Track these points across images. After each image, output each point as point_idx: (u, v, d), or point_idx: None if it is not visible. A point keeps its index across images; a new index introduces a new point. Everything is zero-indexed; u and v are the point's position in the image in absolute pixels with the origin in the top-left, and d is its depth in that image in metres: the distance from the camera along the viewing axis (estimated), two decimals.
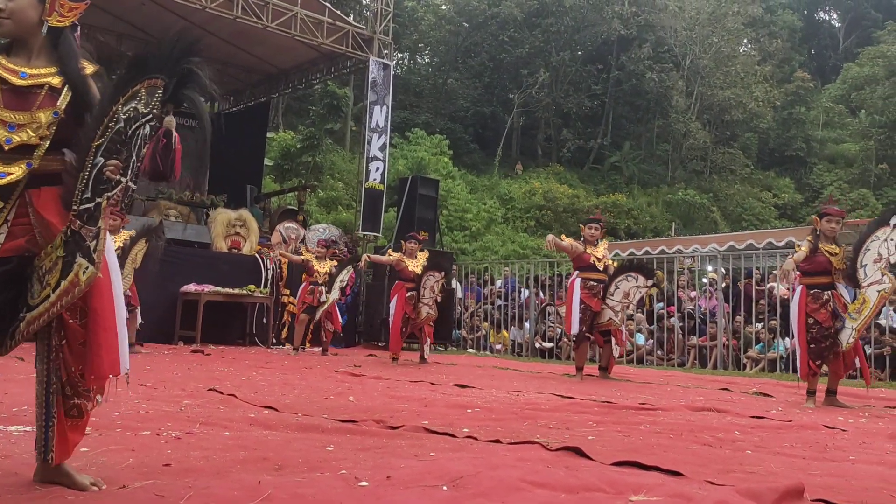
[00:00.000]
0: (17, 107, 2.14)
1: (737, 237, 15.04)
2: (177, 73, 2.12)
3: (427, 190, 13.13)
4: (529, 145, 34.63)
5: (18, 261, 2.13)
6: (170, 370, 6.11)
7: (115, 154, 2.07)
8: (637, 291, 7.21)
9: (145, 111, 2.08)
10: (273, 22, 11.89)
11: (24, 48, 2.22)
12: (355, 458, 2.75)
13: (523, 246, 23.92)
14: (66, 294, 2.06)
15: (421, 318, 8.55)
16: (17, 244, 2.12)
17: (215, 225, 11.19)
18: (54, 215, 2.13)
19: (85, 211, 2.07)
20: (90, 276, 2.07)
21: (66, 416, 2.18)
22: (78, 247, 2.07)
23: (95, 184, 2.06)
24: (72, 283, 2.06)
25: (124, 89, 2.07)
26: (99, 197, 2.08)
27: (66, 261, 2.07)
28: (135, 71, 2.09)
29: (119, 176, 2.08)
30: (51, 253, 2.09)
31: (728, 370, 9.32)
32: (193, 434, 3.14)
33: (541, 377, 7.48)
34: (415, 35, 33.58)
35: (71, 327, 2.14)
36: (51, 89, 2.17)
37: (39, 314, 2.08)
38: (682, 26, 32.79)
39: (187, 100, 2.18)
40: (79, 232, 2.07)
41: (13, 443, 2.79)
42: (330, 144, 24.12)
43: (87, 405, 2.21)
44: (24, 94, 2.15)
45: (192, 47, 2.13)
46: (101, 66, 2.29)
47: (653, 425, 3.94)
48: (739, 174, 32.81)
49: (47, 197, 2.15)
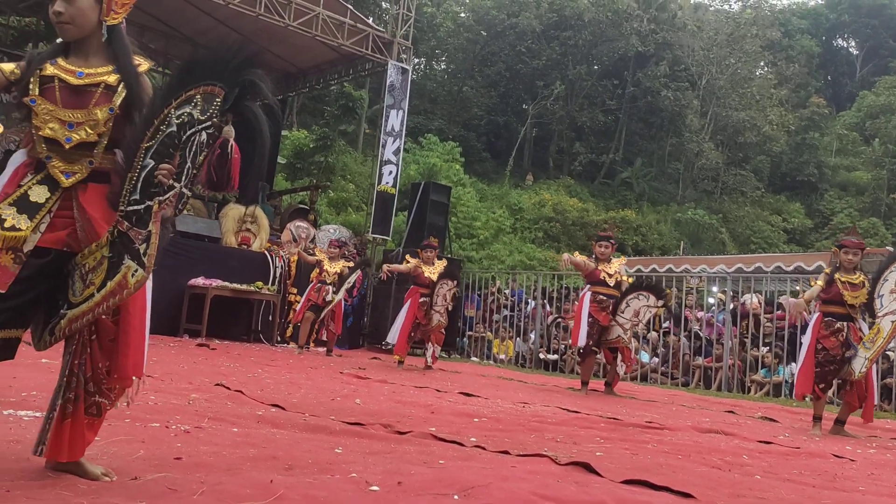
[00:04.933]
0: (75, 105, 2.16)
1: (745, 259, 15.02)
2: (238, 83, 2.11)
3: (439, 196, 13.13)
4: (541, 157, 34.64)
5: (56, 255, 2.12)
6: (176, 363, 6.12)
7: (167, 158, 2.06)
8: (647, 311, 7.20)
9: (202, 118, 2.08)
10: (295, 21, 11.93)
11: (81, 49, 2.24)
12: (365, 462, 2.75)
13: (530, 257, 23.89)
14: (113, 295, 2.06)
15: (432, 324, 8.56)
16: (58, 237, 2.12)
17: (226, 220, 11.20)
18: (99, 212, 2.13)
19: (133, 213, 2.06)
20: (140, 279, 2.07)
21: (85, 413, 2.17)
22: (126, 248, 2.06)
23: (145, 186, 2.05)
24: (119, 284, 2.05)
25: (177, 93, 2.07)
26: (149, 200, 2.07)
27: (112, 261, 2.06)
28: (189, 76, 2.09)
29: (172, 181, 2.08)
30: (94, 251, 2.08)
31: (732, 392, 9.28)
32: (202, 429, 3.14)
33: (545, 390, 7.46)
34: (432, 41, 33.65)
35: (103, 323, 2.14)
36: (106, 87, 2.19)
37: (82, 312, 2.07)
38: (699, 46, 32.79)
39: (247, 111, 2.16)
40: (126, 233, 2.06)
41: (24, 428, 2.78)
42: (343, 146, 24.15)
43: (106, 405, 2.20)
44: (81, 92, 2.18)
45: (254, 58, 2.13)
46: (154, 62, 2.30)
47: (660, 444, 3.92)
48: (750, 196, 32.75)
49: (94, 194, 2.16)
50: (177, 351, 7.50)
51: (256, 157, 11.22)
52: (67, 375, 2.17)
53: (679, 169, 33.52)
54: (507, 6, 32.90)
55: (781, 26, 37.63)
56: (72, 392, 2.16)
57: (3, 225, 2.06)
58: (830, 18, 44.14)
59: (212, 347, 8.47)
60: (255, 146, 2.37)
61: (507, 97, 34.26)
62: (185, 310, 9.72)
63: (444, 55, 36.45)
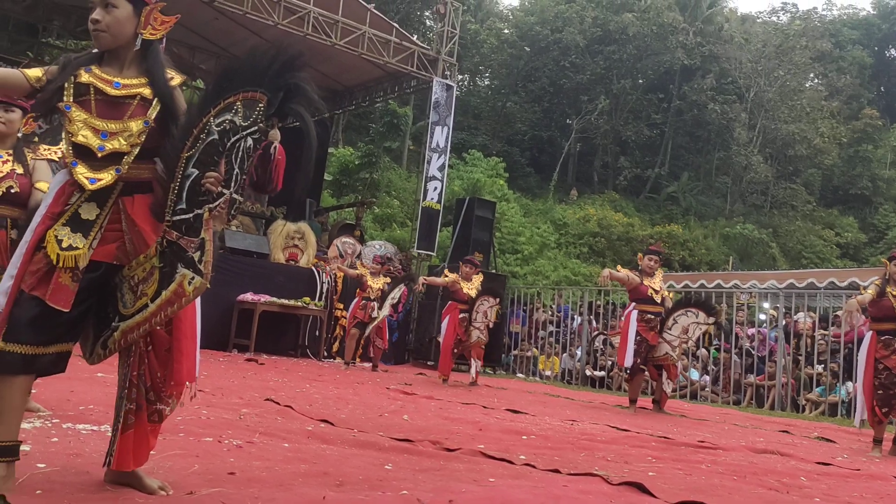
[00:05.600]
0: (110, 116, 2.20)
1: (797, 275, 14.67)
2: (281, 87, 2.11)
3: (484, 212, 13.13)
4: (585, 171, 34.43)
5: (106, 268, 2.16)
6: (226, 377, 6.20)
7: (212, 166, 2.08)
8: (697, 328, 7.04)
9: (244, 124, 2.09)
10: (342, 40, 12.10)
11: (115, 59, 2.28)
12: (415, 479, 2.74)
13: (575, 272, 23.70)
14: (170, 304, 2.09)
15: (471, 341, 8.52)
16: (108, 250, 2.16)
17: (274, 236, 11.35)
18: (147, 223, 2.16)
19: (182, 222, 2.09)
20: (198, 286, 2.10)
21: (148, 420, 2.22)
22: (178, 257, 2.09)
23: (192, 195, 2.08)
24: (176, 293, 2.08)
25: (215, 102, 2.09)
26: (199, 208, 2.09)
27: (163, 271, 2.09)
28: (226, 83, 2.11)
29: (221, 187, 2.10)
30: (143, 262, 2.11)
31: (786, 411, 9.05)
32: (254, 444, 3.17)
33: (593, 407, 7.37)
34: (476, 57, 33.78)
35: (157, 334, 2.17)
36: (142, 99, 2.22)
37: (137, 323, 2.11)
38: (747, 58, 32.30)
39: (294, 114, 2.17)
40: (177, 242, 2.09)
41: (82, 441, 2.84)
42: (387, 162, 24.33)
43: (165, 411, 2.24)
44: (117, 103, 2.21)
45: (296, 61, 2.13)
46: (188, 77, 2.34)
47: (714, 465, 3.83)
48: (801, 210, 32.03)
49: (141, 205, 2.19)
50: (226, 365, 7.60)
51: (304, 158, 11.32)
52: (127, 387, 2.21)
53: (727, 183, 32.97)
54: (550, 21, 32.89)
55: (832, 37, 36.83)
56: (133, 402, 2.20)
57: (61, 245, 2.10)
58: (883, 29, 43.06)
59: (260, 362, 8.56)
60: (303, 147, 2.37)
61: (550, 112, 34.18)
62: (233, 325, 9.86)
63: (487, 71, 36.56)
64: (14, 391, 2.06)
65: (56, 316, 2.06)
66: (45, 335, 2.06)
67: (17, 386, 2.07)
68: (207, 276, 2.10)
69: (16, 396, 2.07)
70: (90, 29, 2.23)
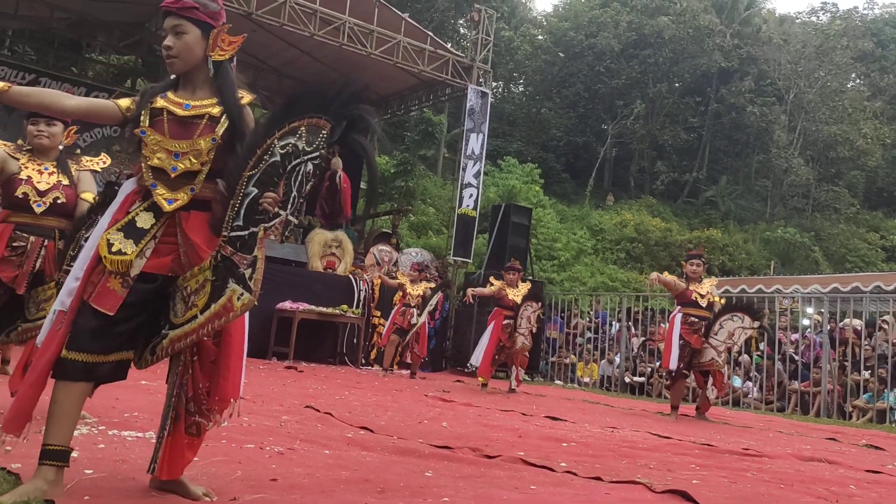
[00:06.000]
0: (181, 136, 2.27)
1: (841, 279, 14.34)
2: (346, 116, 2.16)
3: (520, 218, 13.09)
4: (622, 176, 34.15)
5: (162, 280, 2.21)
6: (266, 385, 6.26)
7: (271, 186, 2.12)
8: (742, 332, 6.90)
9: (307, 149, 2.13)
10: (377, 49, 12.18)
11: (189, 82, 2.35)
12: (455, 486, 2.73)
13: (613, 278, 23.50)
14: (218, 317, 2.12)
15: (516, 347, 8.49)
16: (163, 262, 2.22)
17: (312, 245, 11.45)
18: (201, 238, 2.21)
19: (237, 238, 2.13)
20: (246, 302, 2.13)
21: (186, 432, 2.24)
22: (230, 272, 2.13)
23: (249, 213, 2.12)
24: (224, 307, 2.12)
25: (280, 124, 2.13)
26: (254, 226, 2.13)
27: (215, 284, 2.13)
28: (293, 108, 2.16)
29: (277, 208, 2.14)
30: (197, 275, 2.15)
31: (832, 418, 8.84)
32: (295, 450, 3.19)
33: (633, 414, 7.28)
34: (510, 64, 33.73)
35: (205, 345, 2.21)
36: (210, 118, 2.28)
37: (185, 333, 2.14)
38: (786, 59, 31.78)
39: (356, 144, 2.22)
40: (230, 258, 2.13)
41: (128, 448, 2.88)
42: (423, 170, 24.39)
43: (206, 425, 2.26)
44: (186, 124, 2.28)
45: (361, 93, 2.19)
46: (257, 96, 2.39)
47: (760, 473, 3.75)
48: (844, 213, 31.35)
49: (196, 220, 2.24)
50: (266, 373, 7.67)
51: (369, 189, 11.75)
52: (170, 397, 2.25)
53: (767, 186, 32.42)
54: (584, 27, 32.75)
55: (874, 36, 36.04)
56: (173, 411, 2.24)
57: (111, 249, 2.16)
58: None
59: (299, 370, 8.63)
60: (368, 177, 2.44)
61: (585, 117, 33.98)
62: (273, 333, 9.96)
63: (521, 78, 36.48)
64: (72, 397, 2.11)
65: (116, 325, 2.11)
66: (106, 344, 2.11)
67: (76, 392, 2.12)
68: (256, 293, 2.13)
69: (73, 403, 2.12)
70: (164, 55, 2.31)
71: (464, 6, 28.97)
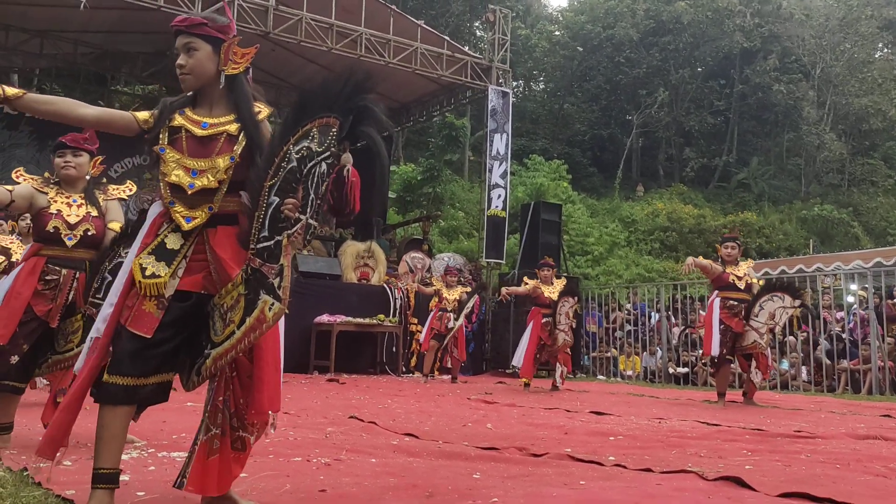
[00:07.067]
0: (199, 154, 2.28)
1: (884, 253, 14.01)
2: (351, 110, 2.16)
3: (549, 215, 13.04)
4: (650, 166, 33.80)
5: (197, 298, 2.23)
6: (309, 398, 6.30)
7: (291, 193, 2.13)
8: (784, 312, 6.78)
9: (320, 149, 2.13)
10: (395, 58, 12.24)
11: (205, 98, 2.37)
12: (504, 486, 2.71)
13: (648, 269, 23.24)
14: (253, 331, 2.12)
15: (557, 344, 8.44)
16: (195, 280, 2.24)
17: (345, 257, 11.52)
18: (228, 253, 2.22)
19: (264, 249, 2.14)
20: (277, 312, 2.13)
21: (231, 447, 2.25)
22: (261, 284, 2.13)
23: (273, 222, 2.13)
24: (258, 319, 2.12)
25: (294, 129, 2.14)
26: (278, 235, 2.14)
27: (248, 298, 2.14)
28: (303, 111, 2.16)
29: (298, 214, 2.14)
30: (231, 291, 2.17)
31: (885, 395, 8.64)
32: (342, 461, 3.19)
33: (680, 404, 7.19)
34: (529, 62, 33.62)
35: (240, 360, 2.22)
36: (228, 136, 2.30)
37: (226, 350, 2.15)
38: (810, 34, 31.22)
39: (364, 136, 2.22)
40: (260, 270, 2.13)
41: (178, 469, 2.90)
42: (449, 175, 24.41)
43: (249, 439, 2.28)
44: (205, 142, 2.29)
45: (364, 84, 2.18)
46: (274, 109, 2.39)
47: (814, 454, 3.68)
48: (882, 186, 30.68)
49: (223, 235, 2.26)
50: (309, 387, 7.72)
51: (377, 178, 11.63)
52: (211, 411, 2.26)
53: (800, 164, 31.84)
54: (601, 19, 32.52)
55: None
56: (217, 427, 2.25)
57: (144, 273, 2.18)
58: None
59: (341, 382, 8.68)
60: (375, 167, 2.43)
61: (609, 110, 33.71)
62: (312, 347, 10.03)
63: (541, 75, 36.34)
64: (117, 420, 2.14)
65: (154, 347, 2.14)
66: (145, 366, 2.13)
67: (120, 415, 2.14)
68: (285, 301, 2.14)
69: (118, 425, 2.15)
70: (178, 74, 2.32)
71: (479, 8, 28.95)
